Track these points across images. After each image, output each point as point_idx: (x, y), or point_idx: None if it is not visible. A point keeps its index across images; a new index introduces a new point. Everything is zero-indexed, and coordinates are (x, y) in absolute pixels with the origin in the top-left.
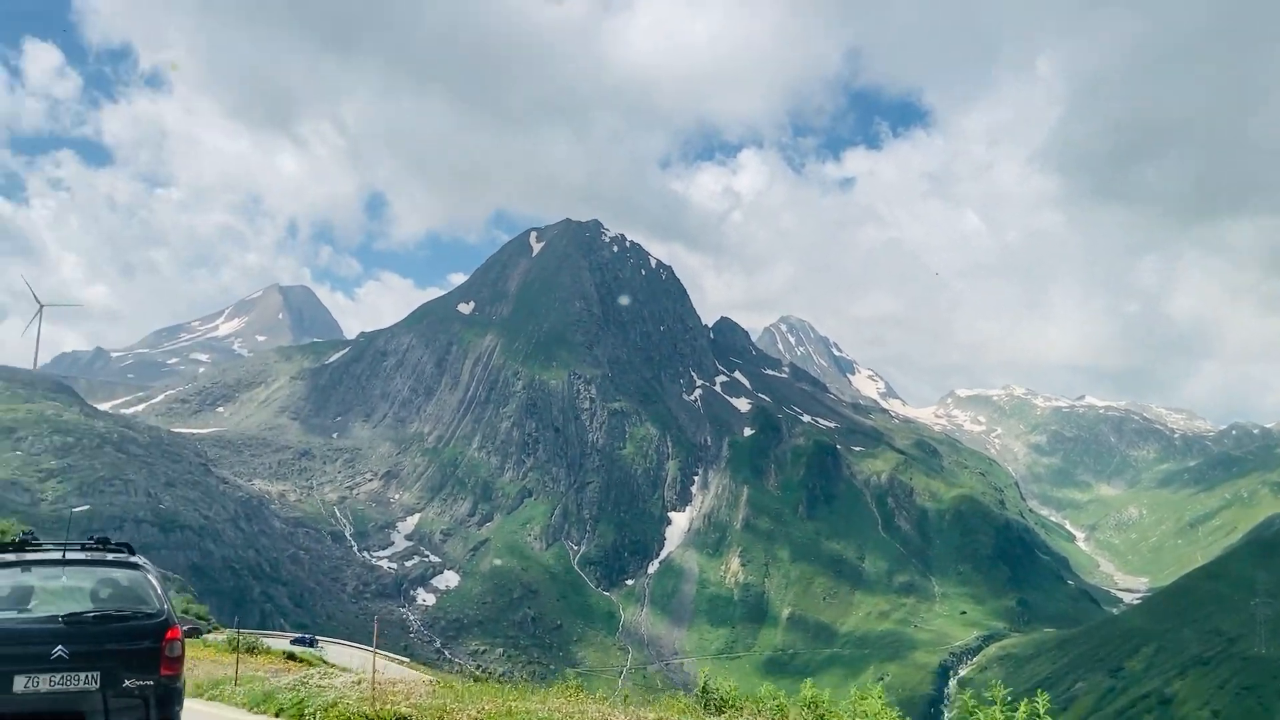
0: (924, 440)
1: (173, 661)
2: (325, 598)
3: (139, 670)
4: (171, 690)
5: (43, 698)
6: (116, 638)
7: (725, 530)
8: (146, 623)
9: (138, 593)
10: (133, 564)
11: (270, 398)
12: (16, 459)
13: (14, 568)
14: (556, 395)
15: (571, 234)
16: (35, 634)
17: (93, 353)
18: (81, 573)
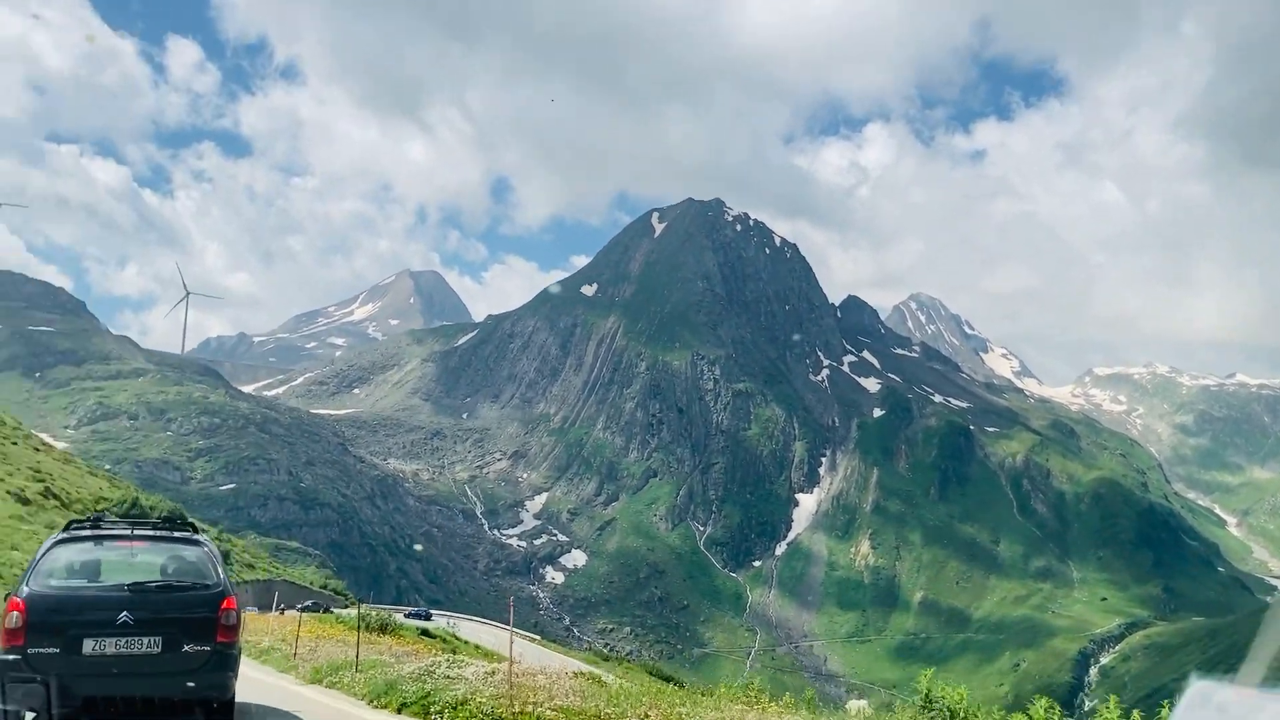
0: (1061, 420)
1: (228, 629)
2: (458, 574)
3: (197, 636)
4: (227, 656)
5: (109, 659)
6: (177, 606)
7: (854, 512)
8: (204, 593)
9: (199, 567)
10: (196, 541)
11: (403, 380)
12: (167, 439)
13: (89, 542)
14: (680, 376)
15: (694, 213)
16: (102, 601)
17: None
18: (152, 548)
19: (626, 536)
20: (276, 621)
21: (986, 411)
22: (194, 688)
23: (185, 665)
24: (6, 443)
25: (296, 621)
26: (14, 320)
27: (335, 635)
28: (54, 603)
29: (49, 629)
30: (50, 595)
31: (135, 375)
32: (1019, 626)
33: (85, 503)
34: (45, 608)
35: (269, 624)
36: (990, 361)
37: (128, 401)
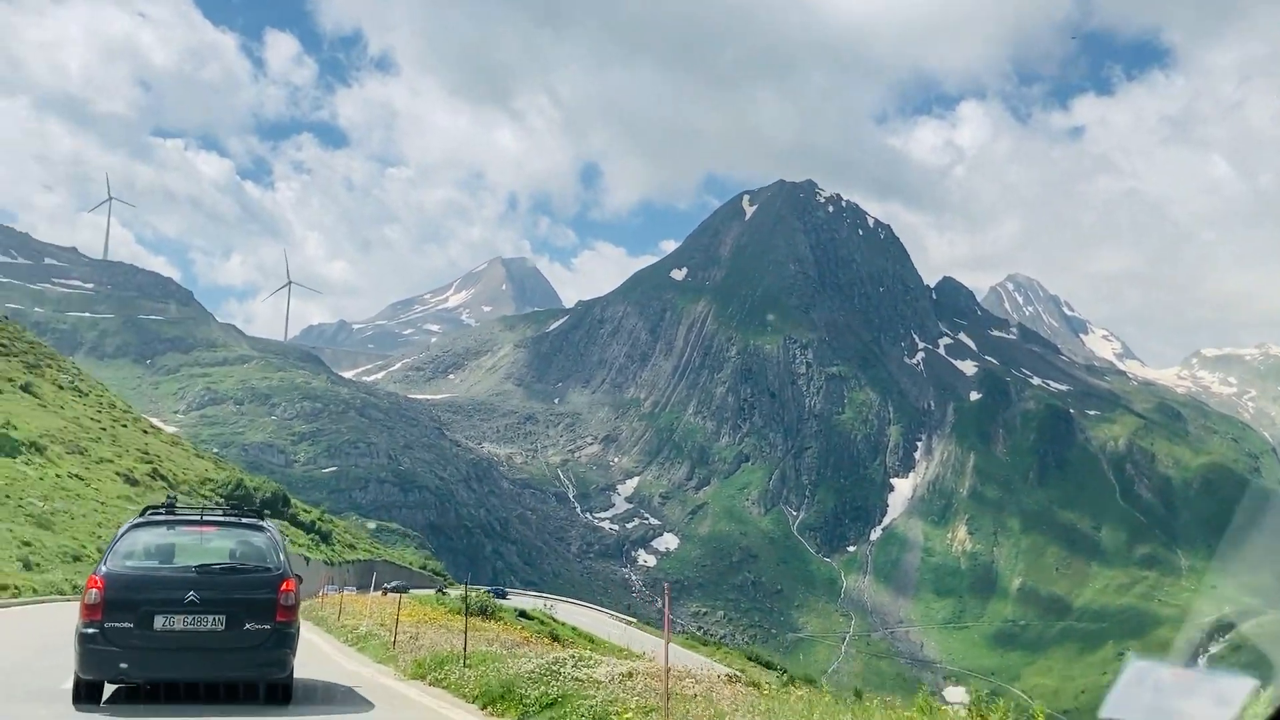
0: (1166, 403)
1: (287, 609)
2: (551, 556)
3: (258, 615)
4: (286, 634)
5: (177, 635)
6: (240, 587)
7: (951, 498)
8: (265, 575)
9: (262, 551)
10: (260, 527)
11: (496, 365)
12: (271, 423)
13: (162, 527)
14: (772, 360)
15: (785, 195)
16: (172, 581)
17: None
18: (220, 533)
19: (718, 521)
20: (376, 603)
21: (1087, 394)
22: (255, 663)
23: (247, 642)
24: (117, 425)
25: (396, 604)
26: (126, 309)
27: (437, 619)
28: (129, 582)
29: (124, 605)
30: (125, 575)
31: (241, 362)
32: (1123, 615)
33: (191, 483)
34: (121, 586)
35: (367, 605)
36: (1091, 343)
37: (234, 387)
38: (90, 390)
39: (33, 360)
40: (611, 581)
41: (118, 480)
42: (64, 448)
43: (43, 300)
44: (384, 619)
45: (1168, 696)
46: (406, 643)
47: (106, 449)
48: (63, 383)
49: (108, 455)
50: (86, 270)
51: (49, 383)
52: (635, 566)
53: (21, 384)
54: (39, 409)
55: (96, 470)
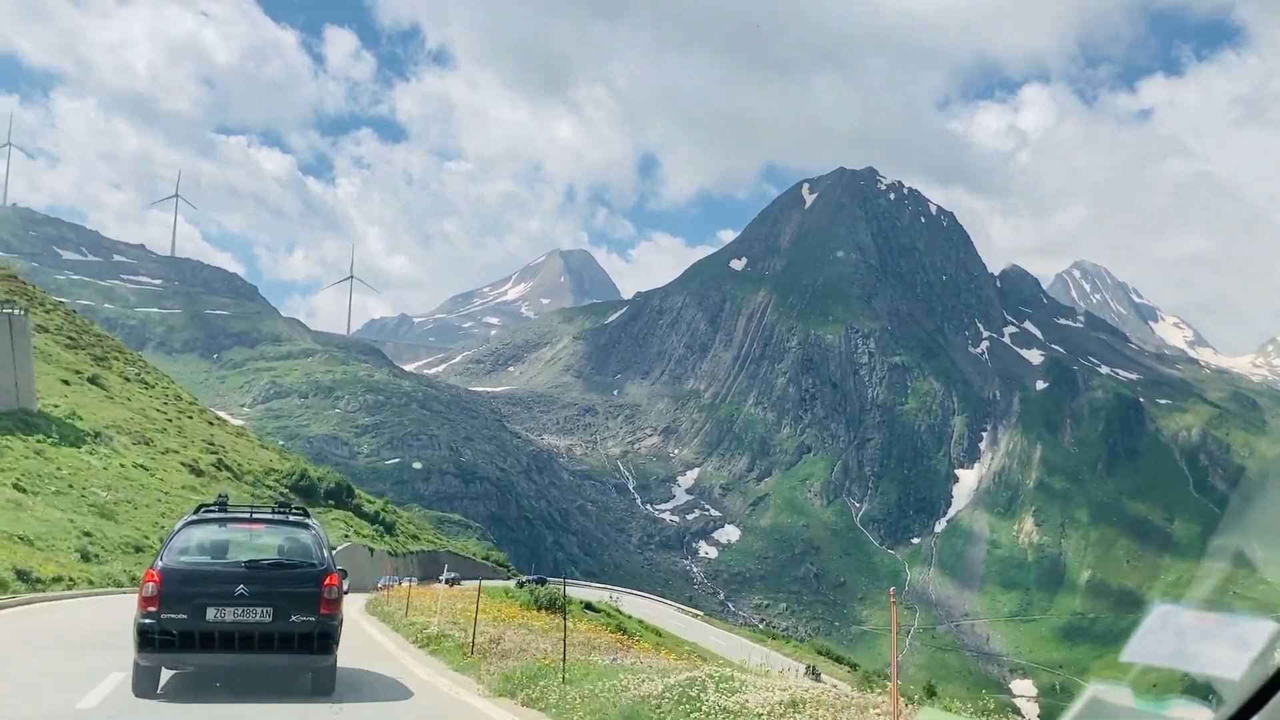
0: (1242, 392)
1: (330, 603)
2: (612, 548)
3: (303, 608)
4: (329, 626)
5: (227, 626)
6: (286, 582)
7: (1017, 489)
8: (310, 570)
9: (307, 547)
10: (305, 525)
11: (555, 357)
12: (335, 416)
13: (214, 524)
14: (833, 350)
15: (845, 183)
16: (223, 575)
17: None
18: (268, 530)
19: (780, 512)
20: (445, 596)
21: (1158, 383)
22: (300, 653)
23: (292, 633)
24: (183, 417)
25: (468, 598)
26: (193, 305)
27: (513, 616)
28: (182, 576)
29: (178, 598)
30: (180, 569)
31: (304, 356)
32: None
33: (256, 474)
34: (175, 579)
35: (436, 599)
36: (1161, 331)
37: (298, 381)
38: (156, 382)
39: (100, 353)
40: (673, 573)
41: (183, 470)
42: (130, 438)
43: (112, 297)
44: (454, 615)
45: (1190, 639)
46: (486, 646)
47: (172, 440)
48: (129, 375)
49: (173, 446)
50: (154, 267)
51: (116, 375)
52: (696, 558)
53: (89, 376)
54: (105, 400)
55: (162, 461)
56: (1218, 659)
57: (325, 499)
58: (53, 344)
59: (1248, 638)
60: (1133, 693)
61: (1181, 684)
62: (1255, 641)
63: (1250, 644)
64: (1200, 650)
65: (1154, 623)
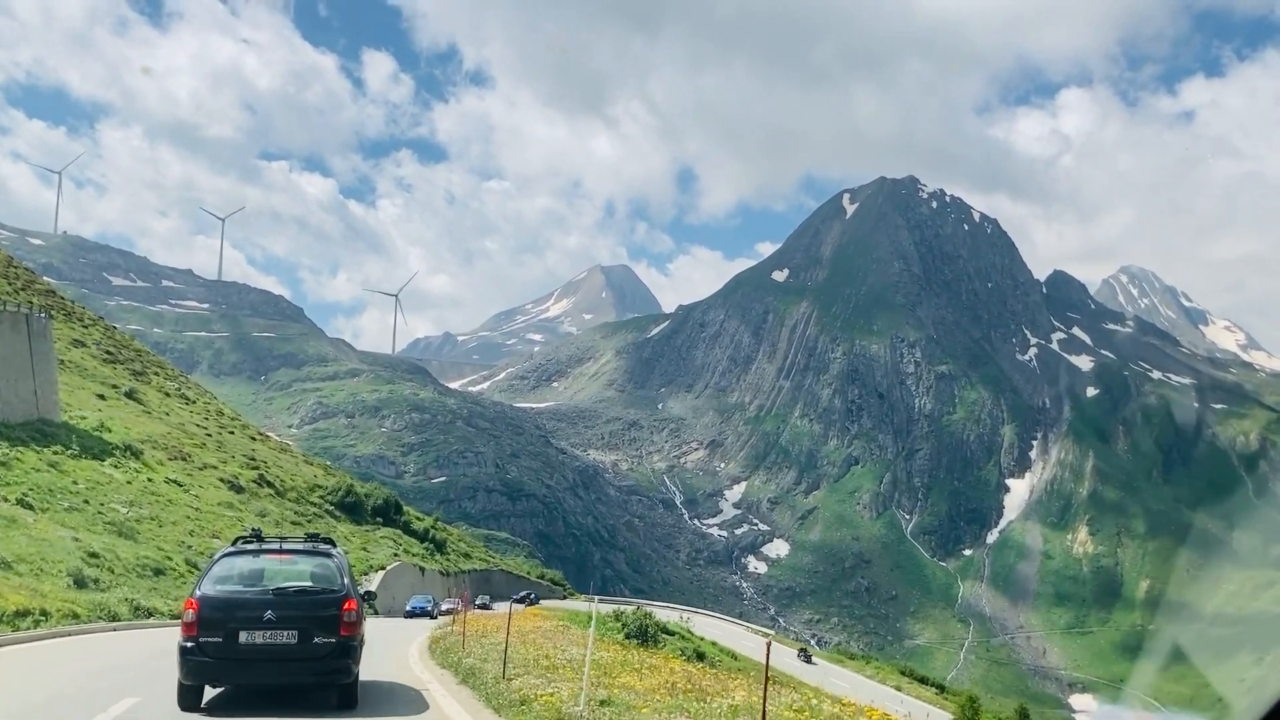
0: None
1: (349, 625)
2: (660, 563)
3: (325, 630)
4: (349, 646)
5: (258, 648)
6: (309, 606)
7: (1070, 498)
8: (331, 596)
9: (329, 574)
10: (328, 554)
11: (598, 372)
12: (382, 435)
13: (249, 555)
14: (879, 360)
15: (886, 192)
16: (253, 602)
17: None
18: (300, 559)
19: (829, 526)
20: (518, 622)
21: (1212, 388)
22: (322, 671)
23: (315, 654)
24: (224, 432)
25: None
26: (240, 328)
27: (611, 655)
28: (218, 603)
29: (214, 623)
30: (216, 597)
31: (350, 376)
32: (1261, 619)
33: (300, 490)
34: (212, 606)
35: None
36: (1212, 334)
37: (344, 401)
38: (198, 398)
39: (139, 368)
40: (722, 589)
41: (221, 487)
42: (165, 453)
43: (161, 321)
44: (541, 657)
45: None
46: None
47: (211, 455)
48: (169, 390)
49: (212, 461)
50: (201, 291)
51: (154, 390)
52: (746, 573)
53: (126, 390)
54: (142, 415)
55: (199, 477)
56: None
57: (373, 516)
58: (89, 358)
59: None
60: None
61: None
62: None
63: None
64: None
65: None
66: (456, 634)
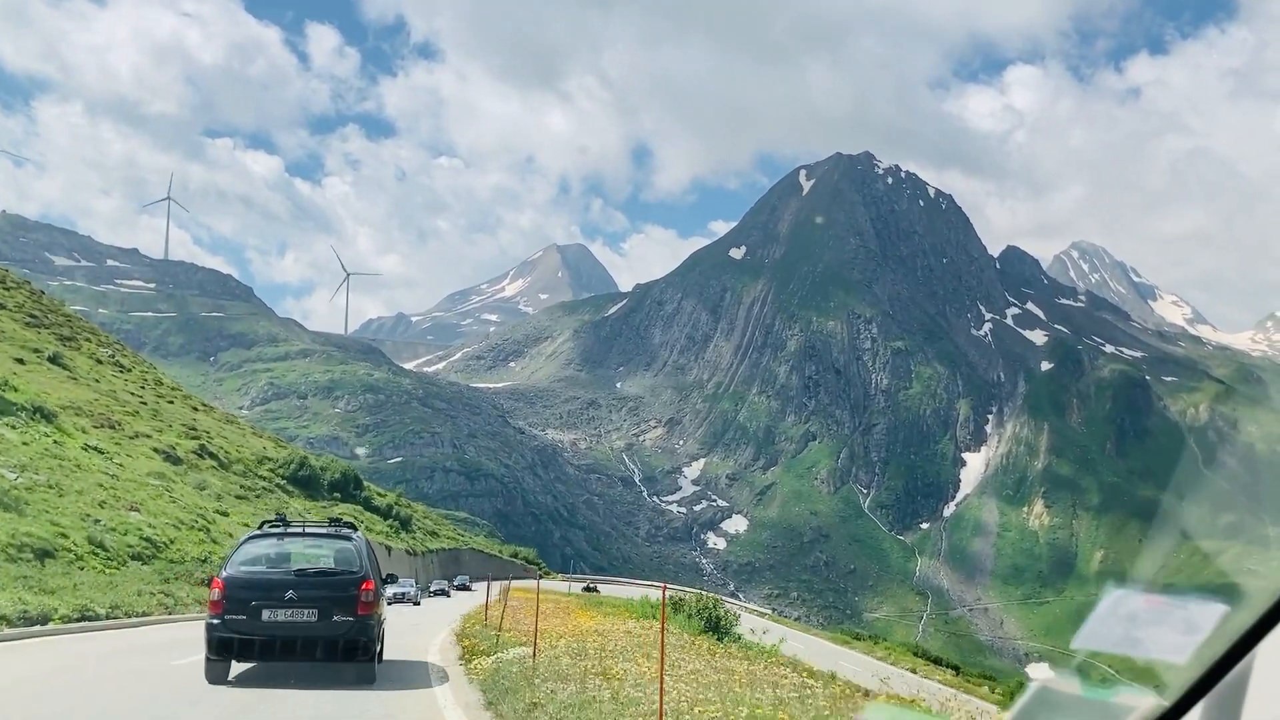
0: (1246, 367)
1: (366, 604)
2: (620, 541)
3: (343, 609)
4: (367, 625)
5: (280, 625)
6: (329, 587)
7: (1025, 471)
8: (349, 577)
9: (348, 556)
10: (349, 537)
11: (556, 351)
12: (335, 416)
13: (273, 538)
14: (835, 337)
15: (842, 169)
16: (275, 582)
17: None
18: (319, 542)
19: (787, 501)
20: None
21: (1163, 361)
22: (342, 648)
23: (335, 631)
24: (162, 401)
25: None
26: (188, 308)
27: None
28: (242, 583)
29: (239, 602)
30: (240, 577)
31: (302, 356)
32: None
33: (247, 463)
34: (237, 585)
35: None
36: (1160, 309)
37: (296, 381)
38: (134, 366)
39: (68, 334)
40: (682, 565)
41: (155, 457)
42: (90, 420)
43: (106, 302)
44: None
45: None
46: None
47: (145, 424)
48: (101, 356)
49: (145, 430)
50: (148, 271)
51: (85, 356)
52: (705, 550)
53: (50, 354)
54: (68, 381)
55: (128, 446)
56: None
57: (329, 491)
58: (10, 321)
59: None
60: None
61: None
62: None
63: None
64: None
65: (1106, 608)
66: (491, 632)
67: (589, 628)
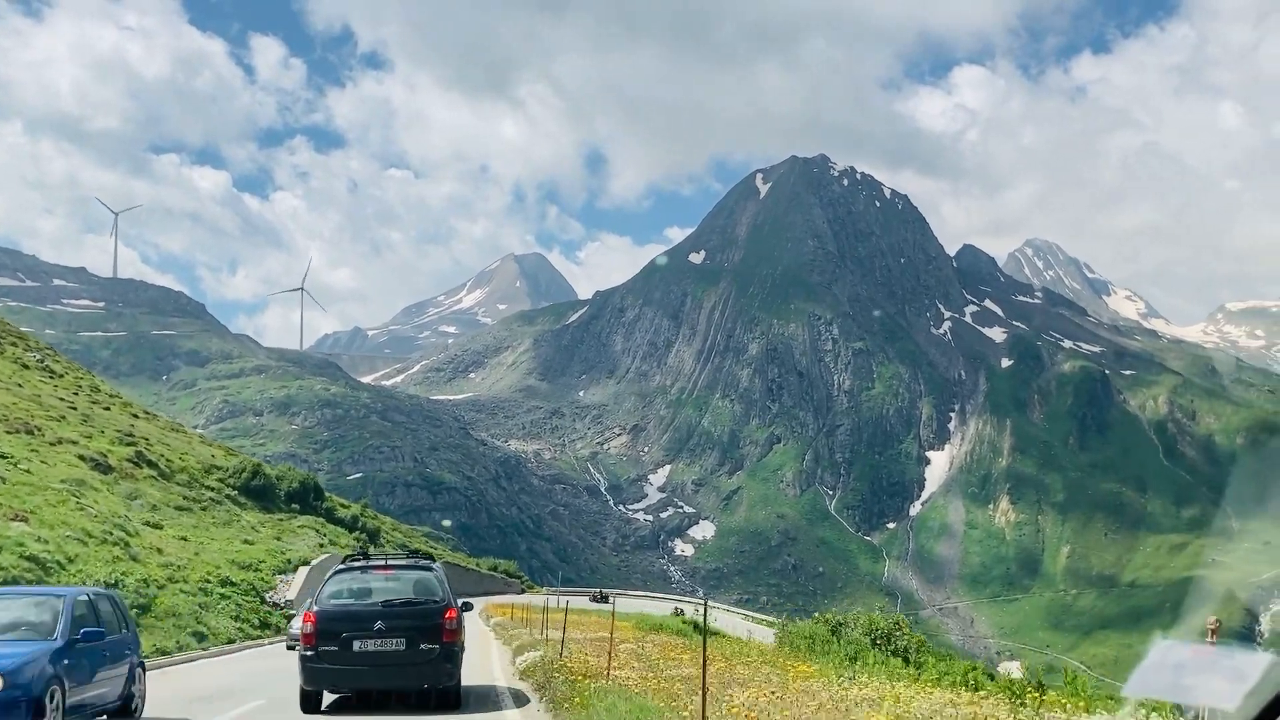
0: (1201, 359)
1: (450, 632)
2: (587, 551)
3: (429, 637)
4: (452, 651)
5: (370, 655)
6: (414, 616)
7: (990, 468)
8: (433, 606)
9: (430, 586)
10: (429, 568)
11: (517, 361)
12: (293, 432)
13: (357, 571)
14: (797, 339)
15: (798, 171)
16: (365, 614)
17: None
18: (400, 574)
19: (754, 505)
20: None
21: (1120, 355)
22: (428, 675)
23: (421, 659)
24: (96, 408)
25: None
26: (139, 326)
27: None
28: (333, 615)
29: (330, 634)
30: (331, 610)
31: (257, 372)
32: (1177, 579)
33: (192, 471)
34: (328, 618)
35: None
36: (1114, 304)
37: (252, 398)
38: (67, 371)
39: None
40: (650, 573)
41: (81, 465)
42: (2, 426)
43: (54, 322)
44: None
45: (1189, 673)
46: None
47: (72, 430)
48: (28, 361)
49: (71, 436)
50: (96, 289)
51: (8, 360)
52: (673, 557)
53: None
54: None
55: (48, 453)
56: (1215, 691)
57: (287, 502)
58: None
59: (1244, 670)
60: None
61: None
62: (1251, 674)
63: (1246, 676)
64: (1198, 683)
65: (1154, 658)
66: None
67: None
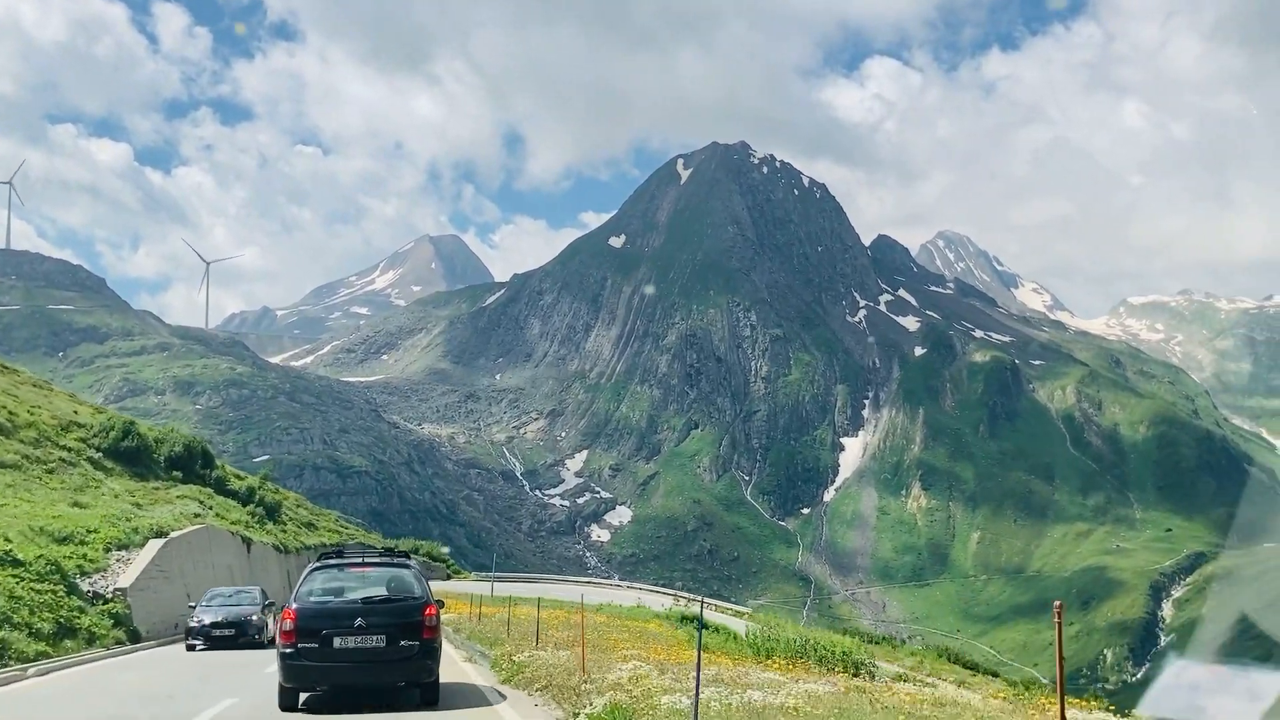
0: (1106, 351)
1: (430, 629)
2: (502, 537)
3: (409, 634)
4: (431, 647)
5: (351, 651)
6: (394, 613)
7: (902, 454)
8: (412, 603)
9: (409, 583)
10: (406, 565)
11: (432, 343)
12: (197, 413)
13: (335, 569)
14: (716, 325)
15: (719, 158)
16: (345, 611)
17: (259, 312)
18: (379, 571)
19: (671, 491)
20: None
21: (1028, 346)
22: (408, 671)
23: (401, 655)
24: None
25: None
26: (33, 299)
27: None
28: (312, 612)
29: (310, 631)
30: (310, 607)
31: (160, 350)
32: (1083, 564)
33: (43, 428)
34: (307, 615)
35: None
36: (1022, 297)
37: (154, 377)
38: None
39: None
40: (566, 559)
41: None
42: None
43: None
44: None
45: (1204, 693)
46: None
47: None
48: None
49: None
50: None
51: None
52: (589, 542)
53: None
54: None
55: None
56: (1230, 711)
57: (167, 469)
58: None
59: (1259, 689)
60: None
61: None
62: (1268, 693)
63: (1262, 695)
64: (1213, 703)
65: (1169, 677)
66: None
67: None
